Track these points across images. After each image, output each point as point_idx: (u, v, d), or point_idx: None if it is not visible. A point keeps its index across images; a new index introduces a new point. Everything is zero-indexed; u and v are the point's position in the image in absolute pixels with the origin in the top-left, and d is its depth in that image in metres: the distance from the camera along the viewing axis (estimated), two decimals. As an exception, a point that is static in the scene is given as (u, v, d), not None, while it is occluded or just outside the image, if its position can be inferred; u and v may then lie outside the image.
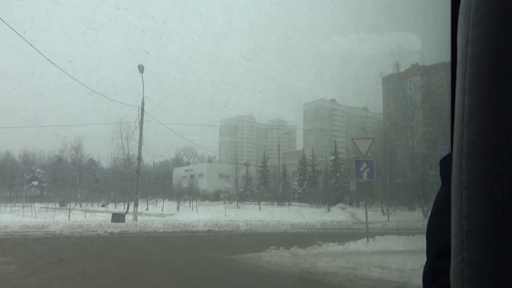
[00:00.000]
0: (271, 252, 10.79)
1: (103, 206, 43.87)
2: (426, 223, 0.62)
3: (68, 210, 28.76)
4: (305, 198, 44.91)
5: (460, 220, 0.37)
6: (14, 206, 37.44)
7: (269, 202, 42.39)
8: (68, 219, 23.04)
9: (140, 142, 25.61)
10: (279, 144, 60.72)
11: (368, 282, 7.45)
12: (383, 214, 30.05)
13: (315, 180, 47.35)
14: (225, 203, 38.25)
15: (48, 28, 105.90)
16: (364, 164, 12.39)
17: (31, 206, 31.02)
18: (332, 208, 36.62)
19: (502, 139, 0.35)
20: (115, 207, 38.06)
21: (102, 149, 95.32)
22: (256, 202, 40.63)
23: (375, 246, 11.96)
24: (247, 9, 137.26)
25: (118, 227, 18.08)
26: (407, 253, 10.31)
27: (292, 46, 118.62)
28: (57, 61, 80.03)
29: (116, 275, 8.00)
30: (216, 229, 19.01)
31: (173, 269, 8.79)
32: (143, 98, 25.87)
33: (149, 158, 67.34)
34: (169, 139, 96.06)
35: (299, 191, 48.68)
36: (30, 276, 7.42)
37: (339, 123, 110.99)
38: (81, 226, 17.67)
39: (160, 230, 17.93)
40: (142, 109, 25.67)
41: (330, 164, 46.38)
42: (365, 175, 12.37)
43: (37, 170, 57.83)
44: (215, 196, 48.81)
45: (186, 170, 62.36)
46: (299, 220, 24.62)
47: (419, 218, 26.76)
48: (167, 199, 42.47)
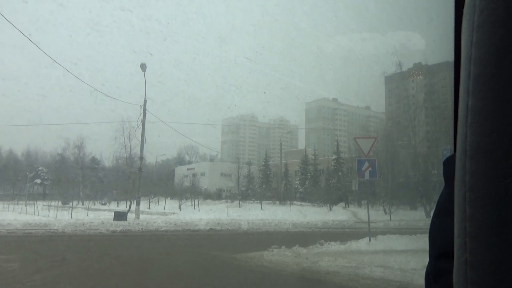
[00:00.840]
0: (273, 251, 10.79)
1: (104, 204, 43.95)
2: (428, 222, 0.63)
3: (70, 208, 28.81)
4: (307, 197, 44.88)
5: (464, 222, 0.37)
6: (17, 204, 37.59)
7: (271, 201, 42.32)
8: (71, 217, 23.14)
9: (142, 140, 25.68)
10: (281, 143, 60.76)
11: (370, 281, 7.44)
12: (385, 213, 30.06)
13: (317, 179, 47.29)
14: (227, 202, 38.30)
15: (53, 30, 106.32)
16: (366, 163, 12.38)
17: (33, 204, 31.22)
18: (334, 207, 36.61)
19: (505, 141, 0.35)
20: (117, 206, 38.09)
21: (104, 148, 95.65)
22: (258, 201, 40.63)
23: (377, 246, 11.95)
24: (250, 10, 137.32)
25: (120, 225, 18.12)
26: (409, 252, 10.29)
27: (295, 46, 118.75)
28: (62, 63, 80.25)
29: (118, 274, 8.02)
30: (218, 228, 19.03)
31: (175, 267, 8.80)
32: (145, 96, 26.00)
33: (151, 157, 67.64)
34: (171, 139, 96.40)
35: (301, 190, 48.64)
36: (33, 274, 7.44)
37: (341, 122, 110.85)
38: (83, 224, 17.71)
39: (162, 229, 17.96)
40: (144, 107, 25.75)
41: (332, 163, 46.29)
42: (367, 174, 12.36)
43: (40, 169, 58.02)
44: (217, 195, 48.87)
45: (188, 169, 62.48)
46: (301, 219, 24.64)
47: (421, 217, 26.76)
48: (169, 198, 42.50)
